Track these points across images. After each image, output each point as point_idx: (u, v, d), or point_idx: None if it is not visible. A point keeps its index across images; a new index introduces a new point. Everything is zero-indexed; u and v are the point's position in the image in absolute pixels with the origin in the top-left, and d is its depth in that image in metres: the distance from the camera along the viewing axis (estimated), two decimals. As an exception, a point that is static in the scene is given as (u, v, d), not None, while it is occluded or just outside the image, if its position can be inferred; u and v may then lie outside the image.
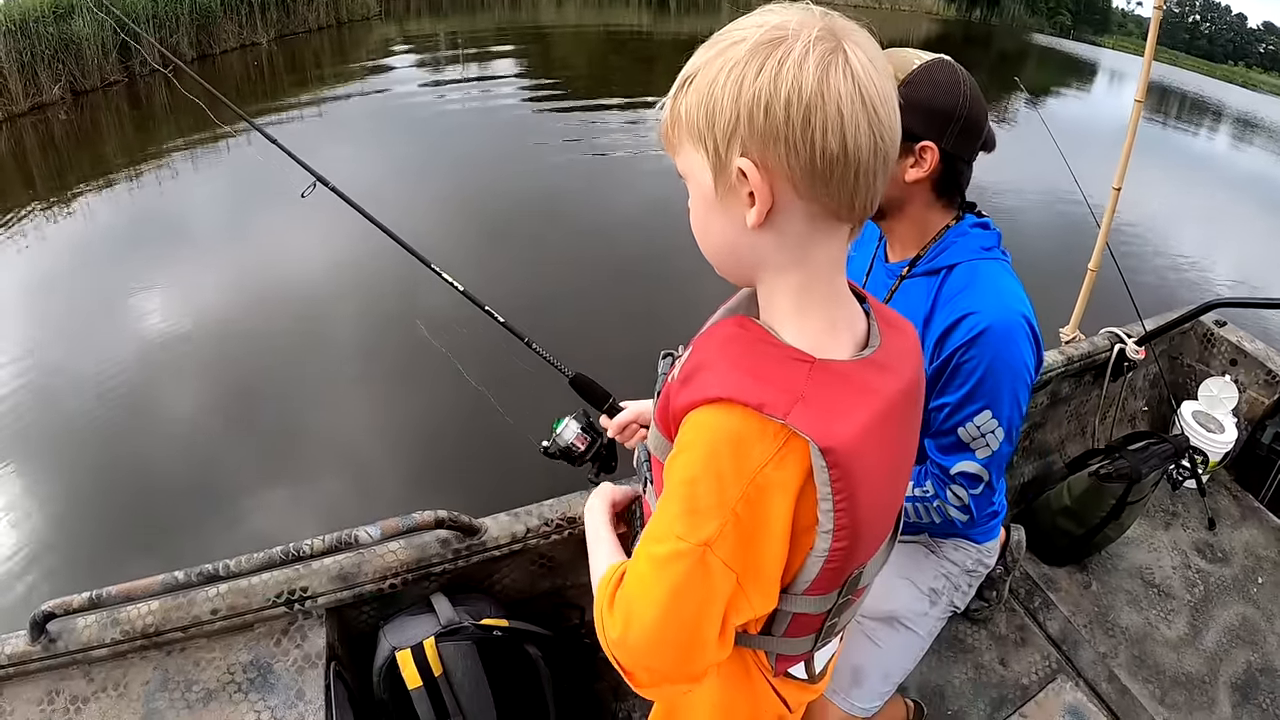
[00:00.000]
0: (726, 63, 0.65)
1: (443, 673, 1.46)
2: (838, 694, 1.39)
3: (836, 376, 0.70)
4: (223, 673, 1.43)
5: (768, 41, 0.64)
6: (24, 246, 5.76)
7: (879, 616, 1.45)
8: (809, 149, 0.64)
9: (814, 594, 0.77)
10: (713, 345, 0.75)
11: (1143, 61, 2.51)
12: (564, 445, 1.49)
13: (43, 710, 1.37)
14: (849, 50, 0.64)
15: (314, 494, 3.60)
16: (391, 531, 1.42)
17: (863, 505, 0.71)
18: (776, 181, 0.67)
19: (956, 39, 24.83)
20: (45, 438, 3.78)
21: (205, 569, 1.34)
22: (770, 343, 0.72)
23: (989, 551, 1.49)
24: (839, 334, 0.75)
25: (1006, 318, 1.20)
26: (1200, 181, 11.10)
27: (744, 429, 0.67)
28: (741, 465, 0.67)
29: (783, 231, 0.70)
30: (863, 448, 0.69)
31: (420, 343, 4.13)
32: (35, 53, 8.66)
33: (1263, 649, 2.13)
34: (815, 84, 0.62)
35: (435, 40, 14.82)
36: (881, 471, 0.75)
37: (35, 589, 2.92)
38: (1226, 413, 2.64)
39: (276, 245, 5.60)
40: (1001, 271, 1.26)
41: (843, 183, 0.66)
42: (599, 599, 0.81)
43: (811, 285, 0.73)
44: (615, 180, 7.47)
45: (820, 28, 0.64)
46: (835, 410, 0.68)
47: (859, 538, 0.73)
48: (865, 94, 0.64)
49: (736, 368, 0.70)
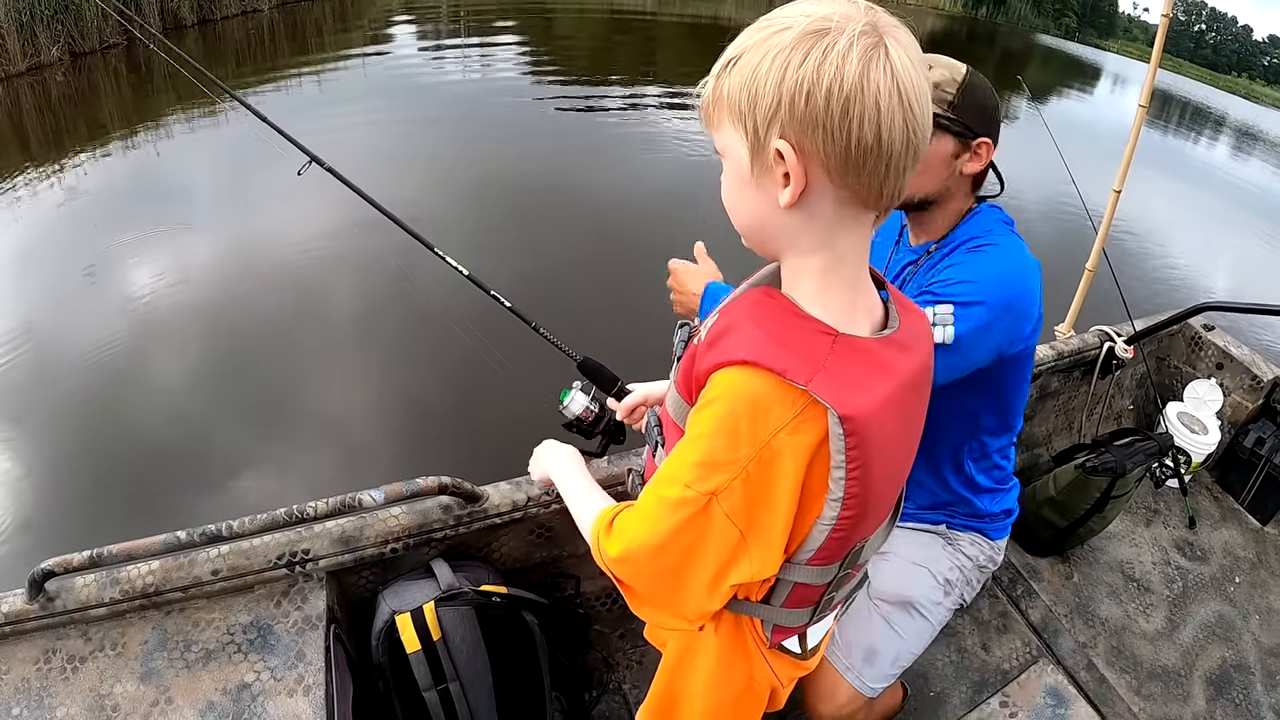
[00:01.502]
0: (772, 48, 0.68)
1: (441, 637, 1.48)
2: (850, 670, 1.42)
3: (858, 351, 0.74)
4: (222, 633, 1.43)
5: (813, 31, 0.66)
6: (17, 212, 5.70)
7: (896, 601, 1.48)
8: (845, 137, 0.67)
9: (816, 564, 0.81)
10: (741, 311, 0.77)
11: (1148, 67, 2.54)
12: (571, 417, 1.52)
13: (39, 669, 1.37)
14: (890, 47, 0.67)
15: (313, 462, 3.62)
16: (395, 496, 1.44)
17: (874, 476, 0.74)
18: (811, 165, 0.70)
19: (961, 36, 24.78)
20: (36, 404, 3.76)
21: (208, 529, 1.35)
22: (797, 313, 0.75)
23: (999, 550, 1.54)
24: (858, 315, 0.78)
25: (1016, 256, 1.29)
26: (1200, 188, 11.18)
27: (765, 391, 0.70)
28: (758, 426, 0.70)
29: (813, 214, 0.73)
30: (879, 420, 0.72)
31: (424, 316, 4.18)
32: (35, 13, 8.53)
33: (1237, 646, 2.19)
34: (857, 77, 0.65)
35: (438, 13, 14.71)
36: (893, 446, 0.78)
37: (20, 554, 2.92)
38: (1211, 415, 2.69)
39: (272, 220, 5.57)
40: (1023, 244, 1.34)
41: (874, 172, 0.69)
42: (596, 530, 0.86)
43: (836, 269, 0.76)
44: (620, 162, 7.45)
45: (865, 23, 0.66)
46: (856, 382, 0.71)
47: (867, 508, 0.76)
48: (903, 90, 0.66)
49: (763, 333, 0.73)
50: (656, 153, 7.54)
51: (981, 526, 1.50)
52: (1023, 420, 1.50)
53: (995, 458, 1.46)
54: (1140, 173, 2.75)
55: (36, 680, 1.35)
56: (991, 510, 1.49)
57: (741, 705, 1.00)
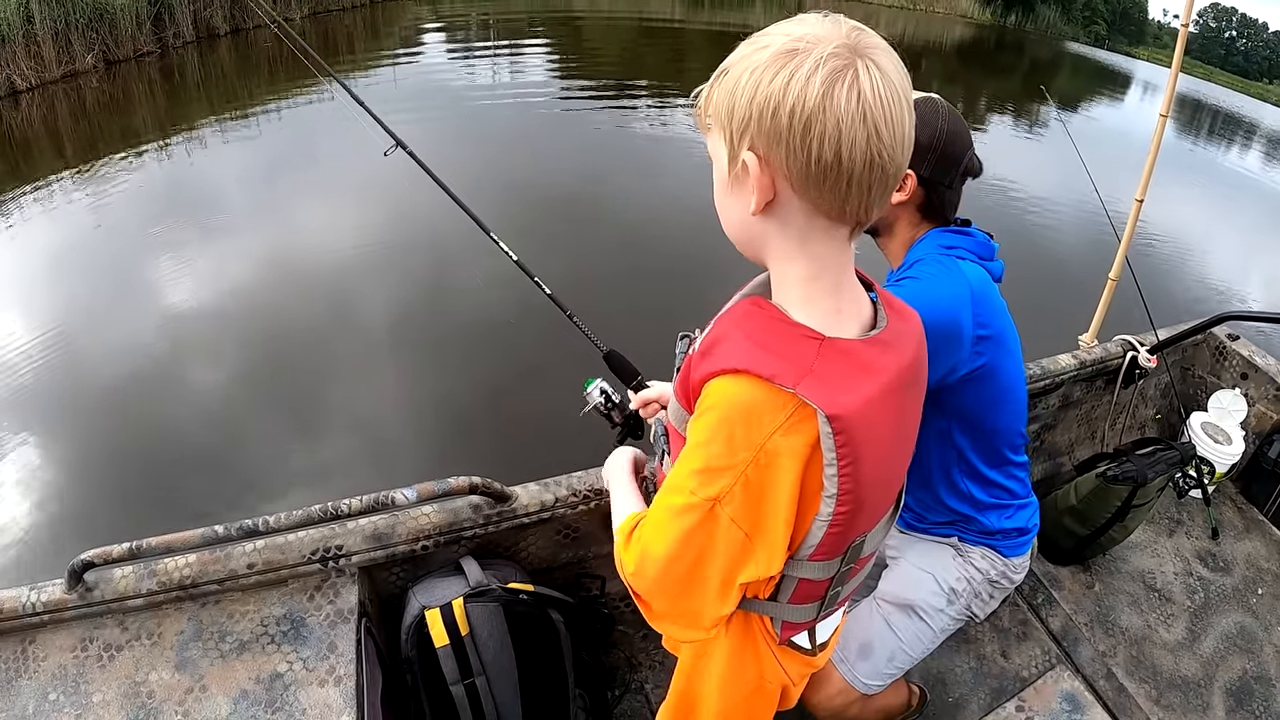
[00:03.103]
0: (750, 65, 0.71)
1: (469, 632, 1.52)
2: (844, 663, 1.46)
3: (843, 353, 0.77)
4: (256, 625, 1.47)
5: (786, 51, 0.70)
6: (71, 208, 5.85)
7: (897, 602, 1.51)
8: (805, 154, 0.70)
9: (818, 559, 0.84)
10: (731, 321, 0.82)
11: (1168, 76, 2.55)
12: (590, 405, 1.58)
13: (75, 656, 1.40)
14: (862, 70, 0.69)
15: (348, 454, 3.69)
16: (427, 495, 1.48)
17: (866, 472, 0.77)
18: (777, 178, 0.74)
19: (989, 44, 24.67)
20: (116, 391, 3.88)
21: (245, 524, 1.39)
22: (783, 320, 0.78)
23: (1015, 568, 1.53)
24: (845, 319, 0.81)
25: (935, 283, 1.30)
26: (1229, 196, 11.06)
27: (757, 397, 0.74)
28: (753, 431, 0.74)
29: (784, 222, 0.77)
30: (866, 417, 0.75)
31: (463, 322, 4.27)
32: (70, 21, 8.73)
33: (1259, 658, 2.18)
34: (819, 98, 0.68)
35: (467, 22, 14.89)
36: (884, 442, 0.81)
37: (45, 548, 3.00)
38: (1235, 425, 2.68)
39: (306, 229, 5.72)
40: (950, 266, 1.34)
41: (834, 189, 0.72)
42: (618, 540, 0.90)
43: (818, 276, 0.79)
44: (653, 168, 7.51)
45: (838, 44, 0.69)
46: (842, 383, 0.75)
47: (862, 503, 0.80)
48: (869, 112, 0.69)
49: (752, 342, 0.77)
50: (690, 158, 7.57)
51: (992, 543, 1.51)
52: (1026, 439, 1.51)
53: (995, 475, 1.46)
54: (1170, 181, 2.77)
55: (74, 667, 1.40)
56: (1002, 527, 1.49)
57: (753, 704, 1.03)
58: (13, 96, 8.17)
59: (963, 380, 1.32)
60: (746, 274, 0.89)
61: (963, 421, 1.39)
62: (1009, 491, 1.49)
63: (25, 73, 8.30)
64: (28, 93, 8.29)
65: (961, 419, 1.38)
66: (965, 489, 1.46)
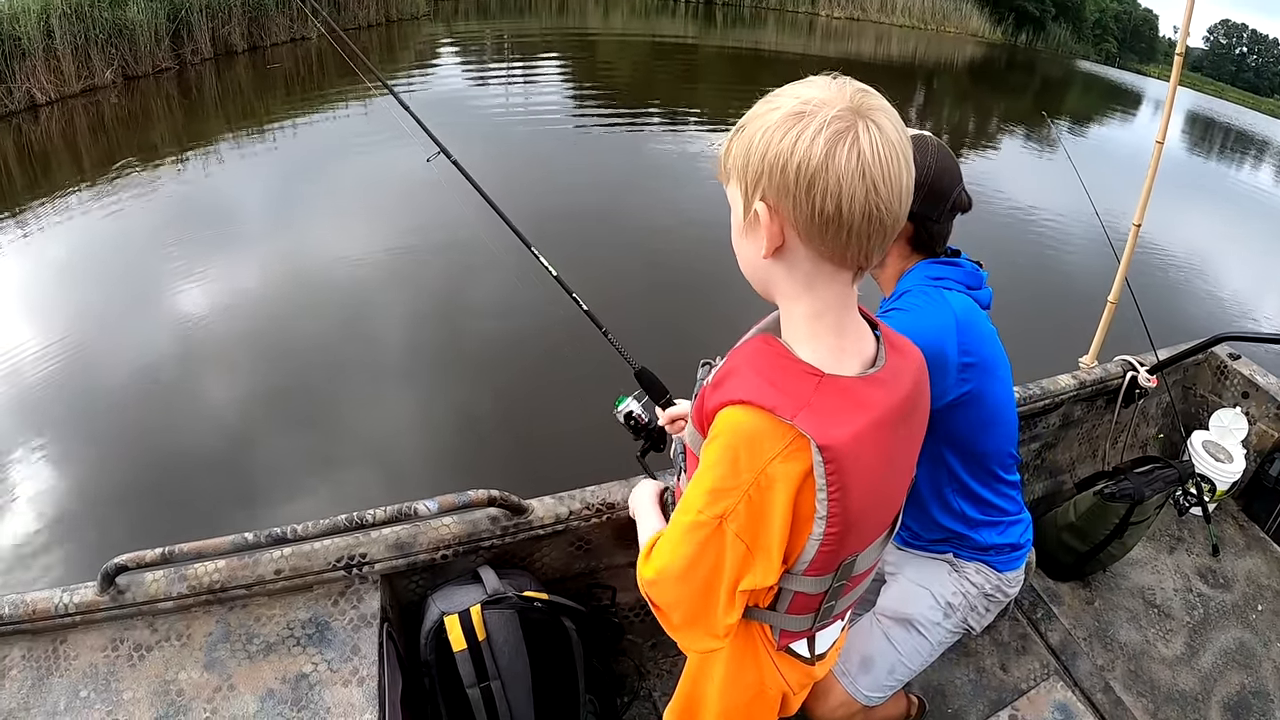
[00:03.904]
0: (763, 124, 0.80)
1: (486, 638, 1.59)
2: (846, 676, 1.52)
3: (840, 389, 0.85)
4: (282, 628, 1.52)
5: (794, 113, 0.78)
6: (88, 220, 5.96)
7: (896, 617, 1.57)
8: (810, 207, 0.78)
9: (811, 574, 0.92)
10: (742, 357, 0.90)
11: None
12: (621, 419, 1.66)
13: (106, 656, 1.46)
14: (862, 131, 0.76)
15: (370, 464, 3.76)
16: (448, 506, 1.54)
17: (854, 497, 0.85)
18: (785, 226, 0.82)
19: (1000, 63, 24.78)
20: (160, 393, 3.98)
21: (274, 531, 1.45)
22: (788, 358, 0.87)
23: (1010, 581, 1.59)
24: (847, 356, 0.89)
25: (919, 314, 1.36)
26: (1240, 215, 11.08)
27: (760, 426, 0.82)
28: (755, 456, 0.82)
29: (792, 266, 0.85)
30: (856, 448, 0.83)
31: (489, 337, 4.35)
32: (89, 36, 8.87)
33: (1257, 673, 2.21)
34: (823, 156, 0.76)
35: (482, 40, 15.09)
36: (875, 471, 0.89)
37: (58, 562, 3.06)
38: (1236, 443, 2.72)
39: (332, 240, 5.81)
40: (935, 297, 1.40)
41: (836, 238, 0.80)
42: (641, 555, 0.99)
43: (822, 314, 0.88)
44: (673, 188, 7.59)
45: (842, 108, 0.76)
46: (835, 416, 0.83)
47: (850, 526, 0.87)
48: (867, 170, 0.76)
49: (759, 376, 0.85)
50: (707, 178, 7.63)
51: (986, 558, 1.56)
52: (1016, 459, 1.56)
53: (986, 494, 1.51)
54: (1177, 199, 2.82)
55: (104, 666, 1.45)
56: (995, 543, 1.54)
57: (754, 708, 1.11)
58: (32, 110, 8.32)
59: (950, 405, 1.37)
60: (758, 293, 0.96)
61: (953, 444, 1.44)
62: (1001, 509, 1.54)
63: (45, 86, 8.44)
64: (47, 106, 8.44)
65: (951, 442, 1.44)
66: (958, 507, 1.52)
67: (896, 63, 19.63)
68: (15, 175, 6.90)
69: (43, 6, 8.35)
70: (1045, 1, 31.73)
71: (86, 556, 3.00)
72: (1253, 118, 26.85)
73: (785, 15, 23.66)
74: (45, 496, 3.33)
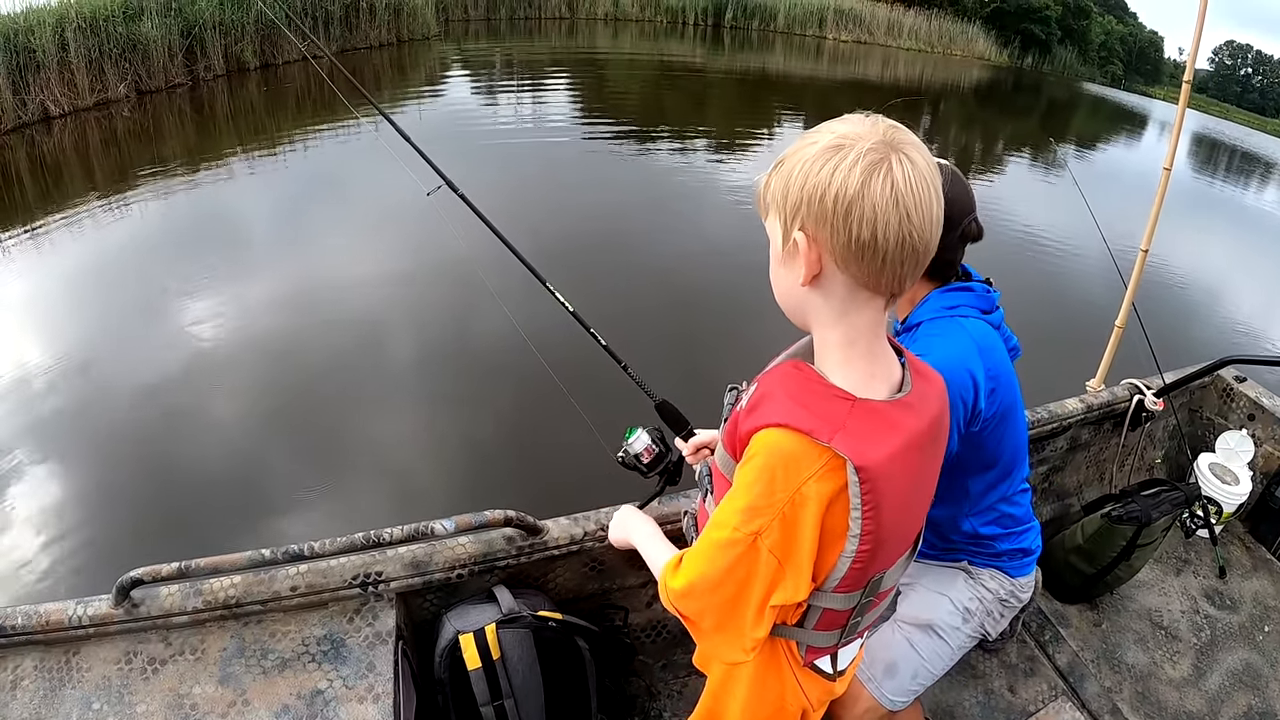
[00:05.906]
0: (802, 158, 0.84)
1: (500, 656, 1.60)
2: (871, 682, 1.55)
3: (872, 413, 0.89)
4: (297, 644, 1.53)
5: (832, 147, 0.82)
6: (100, 234, 6.03)
7: (917, 623, 1.61)
8: (847, 234, 0.82)
9: (841, 591, 0.95)
10: (774, 382, 0.94)
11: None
12: (633, 454, 1.65)
13: (120, 669, 1.46)
14: (895, 164, 0.81)
15: (384, 487, 3.78)
16: (464, 526, 1.56)
17: (886, 516, 0.88)
18: (823, 253, 0.86)
19: (1006, 86, 24.90)
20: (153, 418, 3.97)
21: (291, 549, 1.45)
22: (820, 383, 0.90)
23: (1022, 587, 1.64)
24: (876, 381, 0.93)
25: (936, 347, 1.40)
26: (1247, 238, 11.10)
27: (796, 448, 0.86)
28: (791, 476, 0.85)
29: (828, 293, 0.89)
30: (889, 469, 0.87)
31: (503, 350, 4.37)
32: (104, 51, 9.01)
33: (1265, 694, 2.22)
34: (859, 186, 0.80)
35: (492, 61, 15.21)
36: (904, 491, 0.92)
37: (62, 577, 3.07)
38: (1242, 465, 2.73)
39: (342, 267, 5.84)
40: (952, 327, 1.44)
41: (871, 264, 0.84)
42: (664, 572, 1.03)
43: (855, 341, 0.91)
44: (683, 212, 7.63)
45: (876, 141, 0.81)
46: (870, 438, 0.86)
47: (881, 543, 0.91)
48: (900, 199, 0.80)
49: (794, 401, 0.89)
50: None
51: (1000, 564, 1.62)
52: (1027, 468, 1.60)
53: (1000, 507, 1.57)
54: (1184, 222, 2.83)
55: (118, 679, 1.45)
56: (1008, 549, 1.61)
57: None
58: (46, 122, 8.43)
59: (977, 433, 1.42)
60: (772, 312, 0.99)
61: (974, 459, 1.48)
62: (1013, 518, 1.59)
63: (59, 99, 8.57)
64: (60, 119, 8.55)
65: (974, 457, 1.48)
66: (973, 518, 1.57)
67: (904, 86, 19.60)
68: (28, 185, 6.98)
69: (58, 19, 8.48)
70: (1051, 24, 31.97)
71: (102, 570, 3.01)
72: (1259, 139, 26.92)
73: (793, 39, 23.88)
74: (57, 509, 3.35)
